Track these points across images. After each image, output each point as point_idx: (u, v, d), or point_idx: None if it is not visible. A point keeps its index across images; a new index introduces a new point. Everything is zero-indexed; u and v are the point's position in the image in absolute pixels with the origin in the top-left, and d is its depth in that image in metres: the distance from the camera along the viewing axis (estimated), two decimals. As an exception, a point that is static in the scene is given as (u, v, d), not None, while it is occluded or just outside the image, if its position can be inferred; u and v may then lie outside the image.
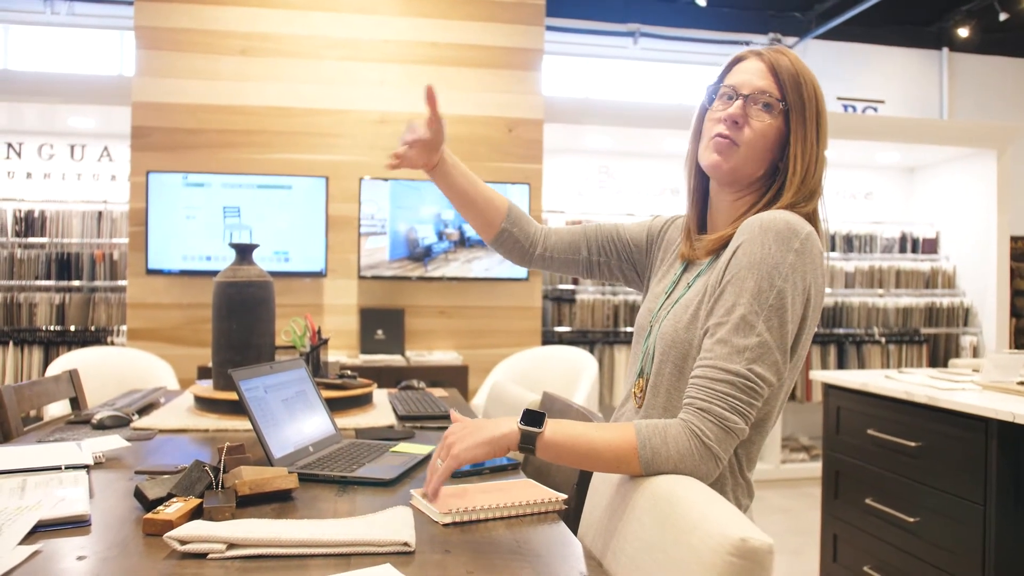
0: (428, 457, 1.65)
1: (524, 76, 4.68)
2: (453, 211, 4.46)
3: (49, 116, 5.00)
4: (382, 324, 4.40)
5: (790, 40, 6.84)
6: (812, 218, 1.25)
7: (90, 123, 5.06)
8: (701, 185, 1.37)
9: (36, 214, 5.12)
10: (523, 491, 1.36)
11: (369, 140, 4.49)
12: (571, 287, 5.32)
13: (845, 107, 6.93)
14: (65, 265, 5.05)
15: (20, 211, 5.11)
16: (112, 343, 4.82)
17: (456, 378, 4.06)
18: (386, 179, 4.41)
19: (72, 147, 5.37)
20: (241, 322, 2.10)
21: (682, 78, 6.72)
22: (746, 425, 1.13)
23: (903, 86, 7.11)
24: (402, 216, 4.42)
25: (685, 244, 1.37)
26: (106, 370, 3.71)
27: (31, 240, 5.10)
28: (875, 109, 7.01)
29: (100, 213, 5.14)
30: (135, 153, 4.30)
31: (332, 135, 4.46)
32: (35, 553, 1.06)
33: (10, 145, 5.36)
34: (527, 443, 1.15)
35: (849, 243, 5.98)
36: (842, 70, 6.96)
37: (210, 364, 3.97)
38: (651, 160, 5.72)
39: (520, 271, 4.54)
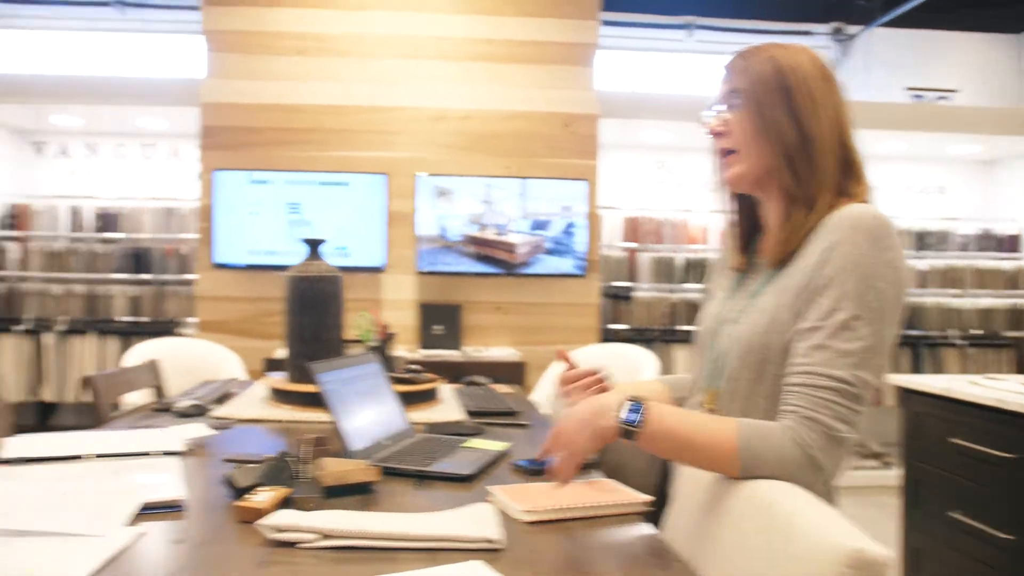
0: (503, 454, 1.69)
1: (578, 71, 4.70)
2: (513, 206, 4.51)
3: (123, 118, 5.19)
4: (440, 319, 4.48)
5: (853, 29, 6.69)
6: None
7: (161, 124, 5.24)
8: (742, 196, 1.37)
9: (113, 211, 5.33)
10: (605, 491, 1.36)
11: (425, 137, 4.57)
12: (628, 284, 5.33)
13: (915, 97, 6.74)
14: (139, 260, 5.25)
15: (99, 208, 5.33)
16: (182, 334, 5.00)
17: (513, 374, 4.11)
18: (444, 175, 4.48)
19: (144, 146, 5.57)
20: (312, 316, 2.19)
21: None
22: (853, 433, 1.10)
23: (979, 74, 6.86)
24: (459, 211, 4.48)
25: (739, 251, 1.38)
26: (178, 360, 3.85)
27: (108, 235, 5.32)
28: (948, 99, 6.80)
29: (170, 210, 5.33)
30: (204, 152, 4.46)
31: (389, 132, 4.55)
32: (143, 535, 1.13)
33: (88, 146, 5.58)
34: (627, 434, 1.14)
35: (921, 240, 5.71)
36: (911, 59, 6.76)
37: (276, 356, 4.12)
38: (709, 154, 5.64)
39: (577, 267, 4.57)
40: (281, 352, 4.15)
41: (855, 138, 1.26)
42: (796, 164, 1.22)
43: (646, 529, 1.24)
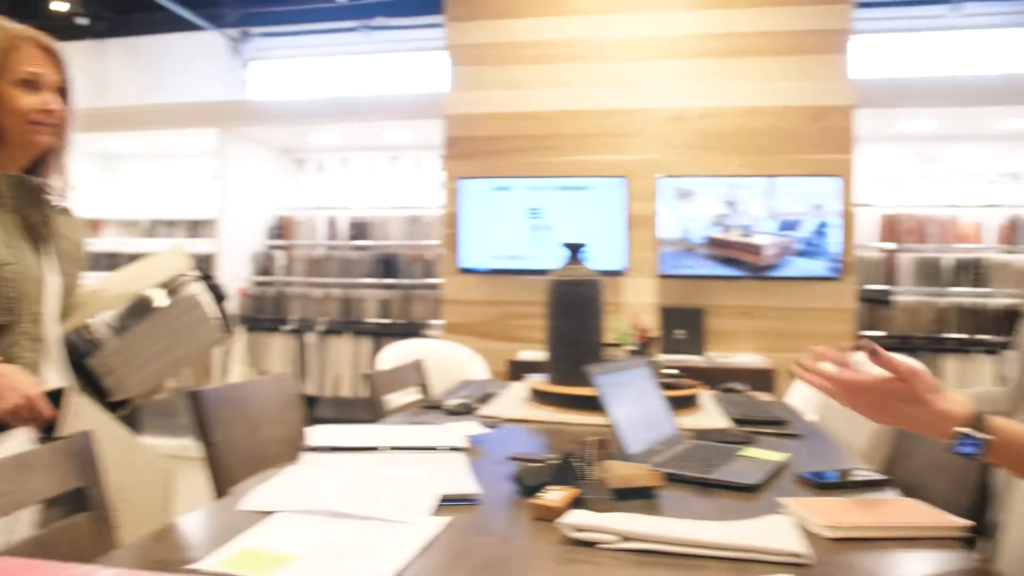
0: (784, 465, 1.60)
1: (830, 60, 4.41)
2: (758, 206, 4.32)
3: (373, 133, 5.58)
4: (682, 323, 4.37)
5: None
6: None
7: (407, 137, 5.57)
8: None
9: (364, 220, 5.75)
10: (913, 511, 1.25)
11: (664, 138, 4.49)
12: (886, 287, 4.91)
13: None
14: (387, 265, 5.61)
15: (352, 218, 5.77)
16: (428, 335, 5.27)
17: (760, 381, 3.89)
18: (683, 176, 4.37)
19: (391, 158, 5.96)
20: (573, 319, 2.19)
21: (1013, 44, 5.90)
22: None
23: None
24: (700, 213, 4.36)
25: None
26: (428, 360, 4.07)
27: (360, 243, 5.74)
28: None
29: (415, 218, 5.65)
30: (448, 162, 4.67)
31: (627, 135, 4.52)
32: (448, 525, 1.17)
33: (343, 160, 6.06)
34: (969, 448, 1.04)
35: None
36: None
37: (520, 358, 4.22)
38: (981, 143, 5.07)
39: (831, 269, 4.28)
40: (527, 354, 4.25)
41: None
42: None
43: (969, 557, 1.11)
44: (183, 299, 1.57)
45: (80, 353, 1.60)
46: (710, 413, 2.21)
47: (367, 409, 2.28)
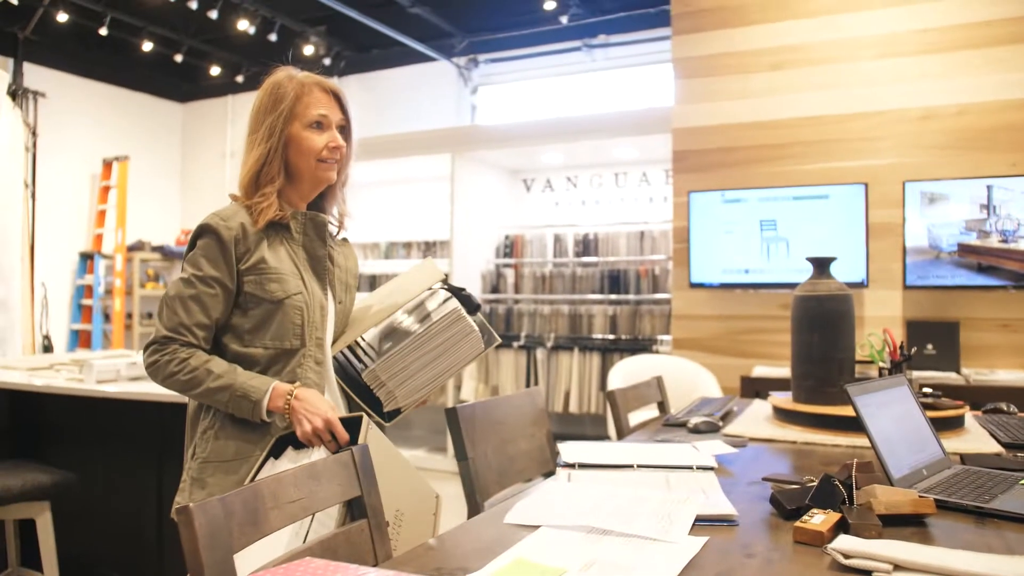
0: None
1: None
2: (1021, 208, 3.91)
3: (598, 151, 5.68)
4: (932, 338, 4.04)
5: None
6: None
7: (632, 153, 5.62)
8: None
9: (591, 236, 5.86)
10: None
11: (911, 140, 4.18)
12: None
13: None
14: (615, 281, 5.67)
15: (579, 235, 5.90)
16: (656, 351, 5.26)
17: (1029, 401, 3.53)
18: (936, 179, 4.05)
19: (616, 175, 6.03)
20: (821, 335, 2.11)
21: None
22: None
23: None
24: (953, 218, 4.01)
25: None
26: (661, 376, 4.07)
27: (587, 259, 5.86)
28: None
29: (642, 233, 5.67)
30: (677, 175, 4.65)
31: (869, 139, 4.26)
32: (706, 545, 1.18)
33: (568, 179, 6.22)
34: None
35: None
36: None
37: (753, 375, 4.10)
38: None
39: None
40: (762, 370, 4.13)
41: None
42: None
43: None
44: (448, 312, 1.67)
45: (353, 369, 1.78)
46: (977, 436, 2.04)
47: (594, 425, 2.34)
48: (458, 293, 1.78)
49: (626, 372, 4.12)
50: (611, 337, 5.59)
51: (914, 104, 4.19)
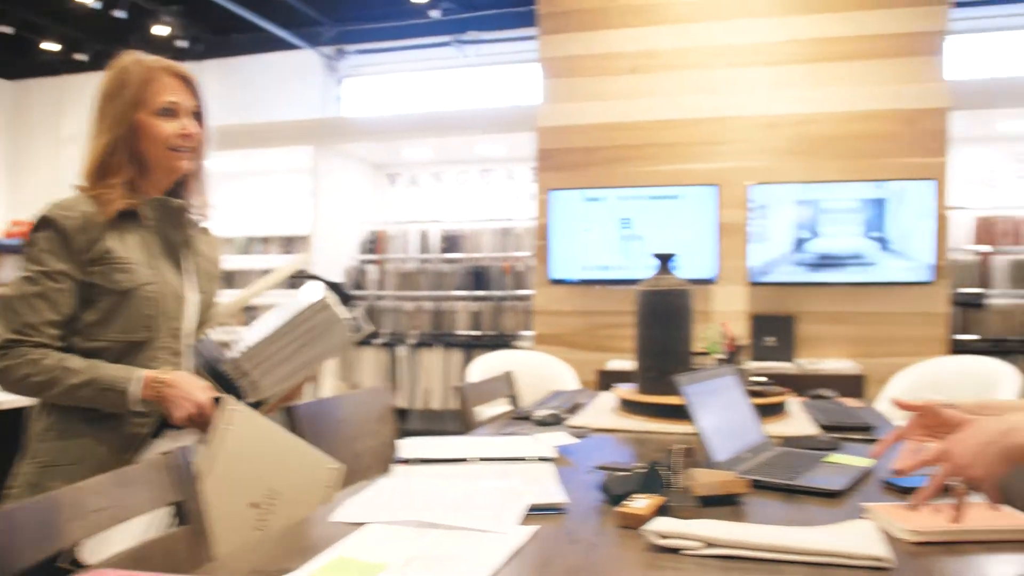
0: (869, 470, 1.58)
1: (924, 62, 4.27)
2: (853, 213, 4.21)
3: (464, 147, 5.69)
4: (772, 330, 4.30)
5: None
6: None
7: (499, 150, 5.66)
8: None
9: (455, 233, 5.87)
10: (996, 516, 1.21)
11: (758, 145, 4.43)
12: (980, 290, 4.70)
13: None
14: (479, 277, 5.70)
15: (444, 231, 5.90)
16: (518, 347, 5.33)
17: (850, 387, 3.80)
18: (777, 183, 4.30)
19: (482, 172, 6.06)
20: (663, 329, 2.20)
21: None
22: None
23: None
24: (794, 220, 4.27)
25: None
26: (519, 371, 4.12)
27: (452, 256, 5.86)
28: None
29: (507, 230, 5.73)
30: (540, 173, 4.72)
31: (720, 143, 4.47)
32: (535, 533, 1.20)
33: (434, 174, 6.21)
34: None
35: None
36: None
37: (609, 368, 4.22)
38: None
39: (923, 273, 4.13)
40: (615, 364, 4.25)
41: None
42: None
43: None
44: (314, 303, 1.63)
45: (214, 359, 1.71)
46: (798, 420, 2.19)
47: (457, 421, 2.34)
48: (329, 283, 1.74)
49: (486, 368, 4.14)
50: (475, 333, 5.61)
51: (761, 112, 4.43)
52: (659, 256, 2.25)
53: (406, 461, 1.62)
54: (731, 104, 4.47)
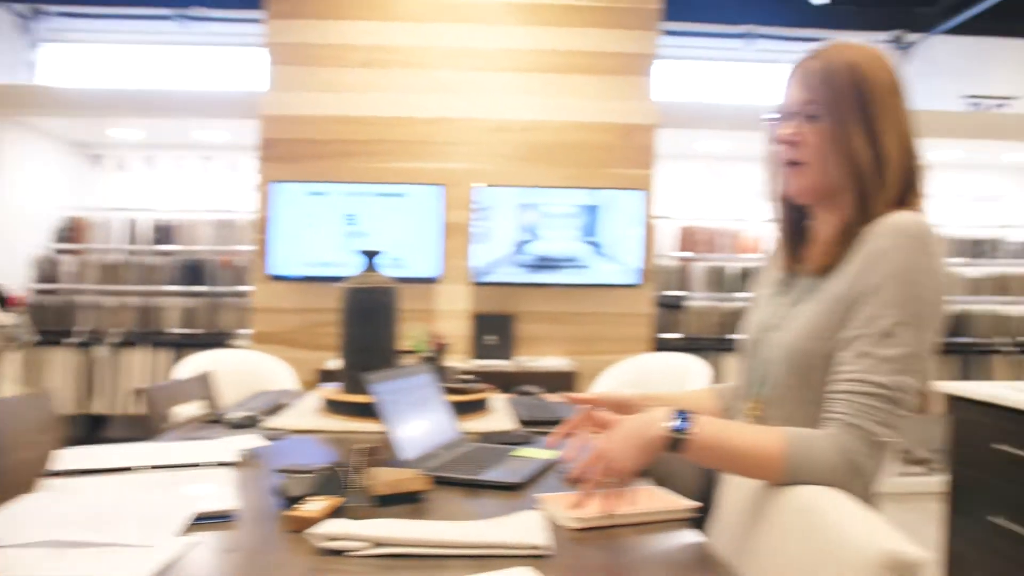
0: (552, 462, 1.65)
1: (637, 82, 4.64)
2: (570, 218, 4.47)
3: (182, 131, 5.29)
4: (493, 329, 4.44)
5: (913, 36, 6.53)
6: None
7: (221, 136, 5.32)
8: (792, 206, 1.34)
9: (169, 223, 5.43)
10: (653, 498, 1.35)
11: (485, 148, 4.55)
12: (681, 293, 5.23)
13: (973, 105, 6.55)
14: (194, 271, 5.32)
15: (156, 220, 5.43)
16: (235, 346, 5.05)
17: (565, 384, 4.06)
18: (501, 186, 4.45)
19: (203, 159, 5.67)
20: (367, 327, 2.16)
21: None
22: (894, 438, 1.11)
23: (1037, 81, 6.67)
24: (516, 222, 4.45)
25: (786, 260, 1.35)
26: (231, 371, 3.88)
27: (164, 248, 5.41)
28: (1005, 106, 6.60)
29: (226, 222, 5.40)
30: (262, 164, 4.50)
31: (449, 143, 4.54)
32: (195, 545, 1.11)
33: (147, 158, 5.70)
34: (674, 446, 1.14)
35: (975, 248, 5.65)
36: (969, 66, 6.58)
37: (329, 367, 4.12)
38: (766, 162, 5.53)
39: (632, 276, 4.50)
40: (335, 363, 4.15)
41: (919, 149, 1.24)
42: (867, 183, 1.20)
43: (692, 536, 1.23)
44: None
45: None
46: (500, 416, 2.25)
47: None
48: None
49: (195, 368, 3.85)
50: (188, 331, 5.23)
51: (489, 116, 4.56)
52: (365, 253, 2.21)
53: (60, 474, 1.43)
54: (461, 106, 4.55)
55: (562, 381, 4.11)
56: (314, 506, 1.22)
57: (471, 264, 4.47)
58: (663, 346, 5.05)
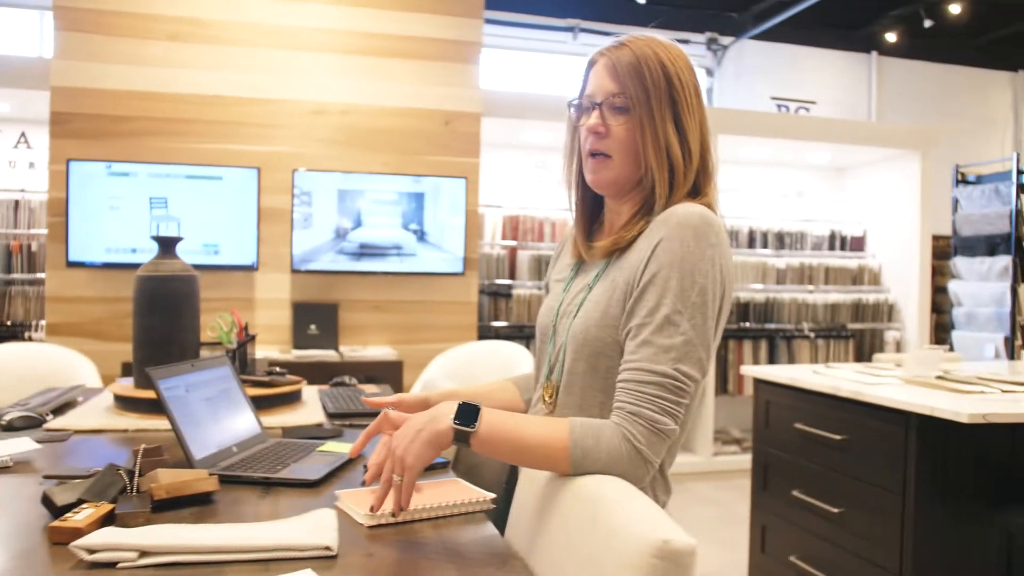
0: (356, 457, 1.62)
1: (462, 69, 4.65)
2: (393, 205, 4.41)
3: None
4: (315, 319, 4.32)
5: (726, 40, 6.95)
6: (712, 208, 1.25)
7: (5, 107, 4.84)
8: (587, 193, 1.38)
9: (-52, 202, 4.88)
10: (451, 491, 1.34)
11: (304, 131, 4.41)
12: (508, 282, 5.32)
13: (779, 107, 7.08)
14: (-20, 256, 4.82)
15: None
16: (30, 338, 4.63)
17: (391, 373, 4.02)
18: (322, 171, 4.33)
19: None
20: (164, 318, 2.03)
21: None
22: (676, 425, 1.14)
23: (834, 88, 7.31)
24: (338, 209, 4.35)
25: (579, 247, 1.38)
26: (23, 367, 3.55)
27: (-57, 230, 4.86)
28: (807, 110, 7.18)
29: (17, 202, 4.92)
30: (54, 140, 4.13)
31: (266, 125, 4.36)
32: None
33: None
34: (461, 439, 1.14)
35: (780, 240, 6.11)
36: (776, 70, 7.11)
37: (130, 360, 3.85)
38: (566, 149, 5.71)
39: (456, 265, 4.51)
40: (139, 355, 3.90)
41: (711, 143, 1.30)
42: (677, 176, 1.24)
43: (487, 529, 1.23)
44: None
45: None
46: (311, 409, 2.19)
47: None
48: None
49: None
50: (-27, 323, 4.74)
51: (307, 98, 4.41)
52: (159, 239, 2.07)
53: None
54: (277, 87, 4.38)
55: (388, 370, 4.07)
56: (83, 515, 1.13)
57: (292, 251, 4.32)
58: (489, 334, 5.11)
